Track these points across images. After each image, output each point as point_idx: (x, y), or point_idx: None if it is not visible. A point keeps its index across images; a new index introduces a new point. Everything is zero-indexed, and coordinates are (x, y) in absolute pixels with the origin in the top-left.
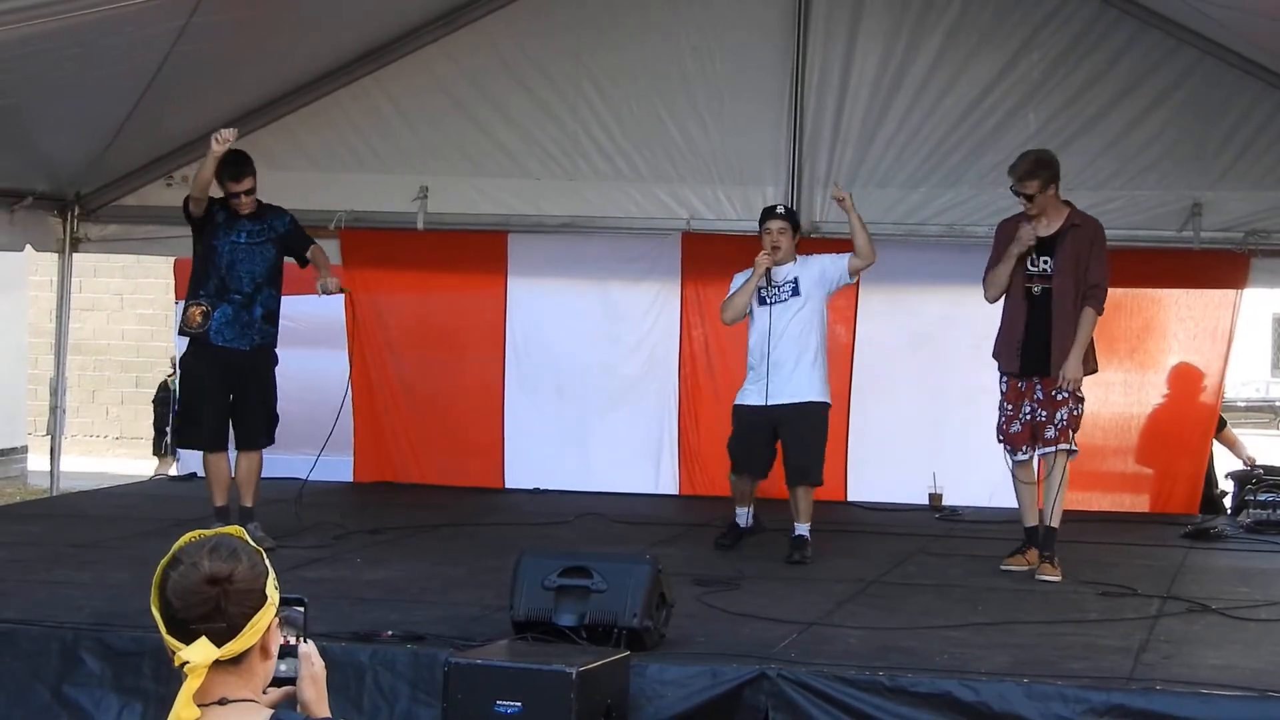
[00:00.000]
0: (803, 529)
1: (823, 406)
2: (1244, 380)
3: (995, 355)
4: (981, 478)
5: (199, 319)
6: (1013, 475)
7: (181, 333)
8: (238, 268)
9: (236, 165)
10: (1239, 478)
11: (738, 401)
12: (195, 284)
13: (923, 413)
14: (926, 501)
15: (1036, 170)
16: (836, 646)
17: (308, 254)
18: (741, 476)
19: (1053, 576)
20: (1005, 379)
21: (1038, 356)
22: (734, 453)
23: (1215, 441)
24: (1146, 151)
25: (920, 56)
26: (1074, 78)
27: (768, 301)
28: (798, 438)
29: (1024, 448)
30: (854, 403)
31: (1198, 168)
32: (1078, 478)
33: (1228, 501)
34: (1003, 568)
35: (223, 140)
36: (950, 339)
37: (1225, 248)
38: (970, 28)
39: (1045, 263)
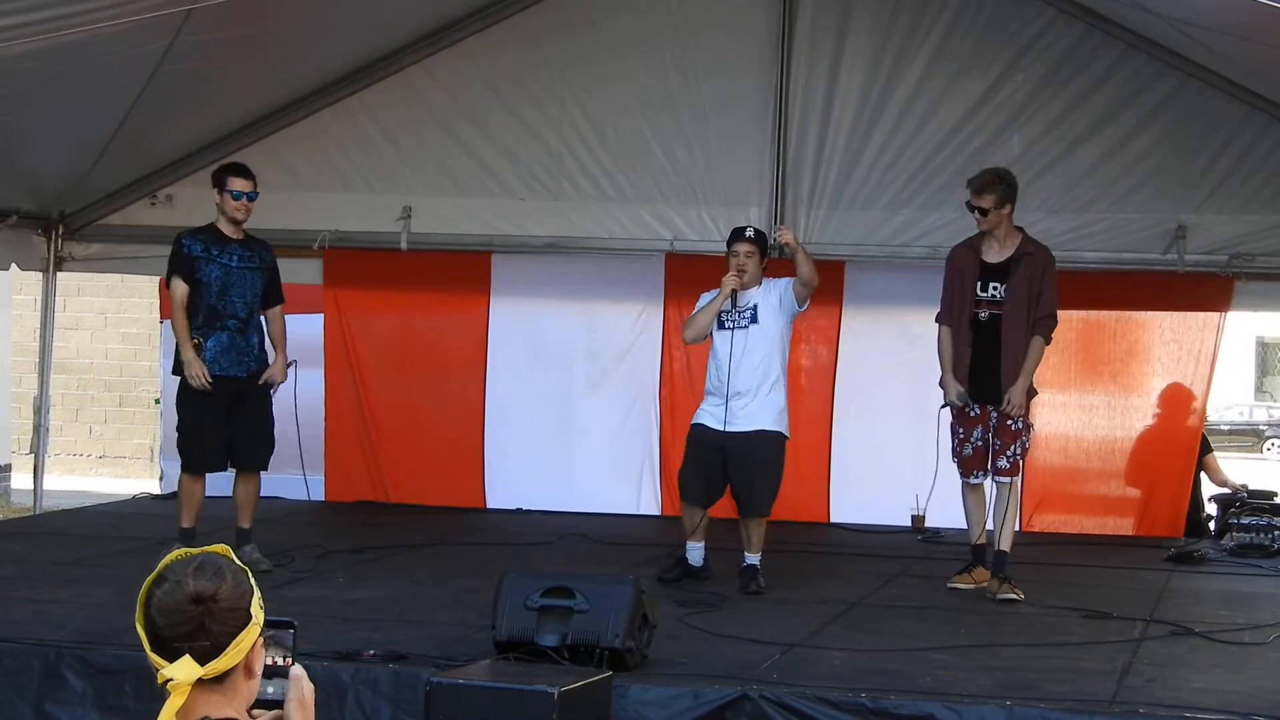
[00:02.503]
0: (753, 559)
1: (779, 438)
2: (1227, 404)
3: (942, 383)
4: None
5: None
6: (963, 496)
7: (175, 372)
8: (230, 293)
9: (242, 165)
10: (1223, 501)
11: (695, 421)
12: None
13: (905, 434)
14: (909, 523)
15: (995, 184)
16: (819, 668)
17: (272, 308)
18: (692, 507)
19: (1015, 594)
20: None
21: (988, 384)
22: (684, 478)
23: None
24: (1131, 174)
25: (904, 79)
26: (1058, 101)
27: (728, 326)
28: (751, 469)
29: (976, 472)
30: (836, 424)
31: (1182, 191)
32: (1061, 500)
33: (1213, 525)
34: (950, 586)
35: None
36: (933, 361)
37: (1209, 271)
38: (954, 51)
39: (995, 289)
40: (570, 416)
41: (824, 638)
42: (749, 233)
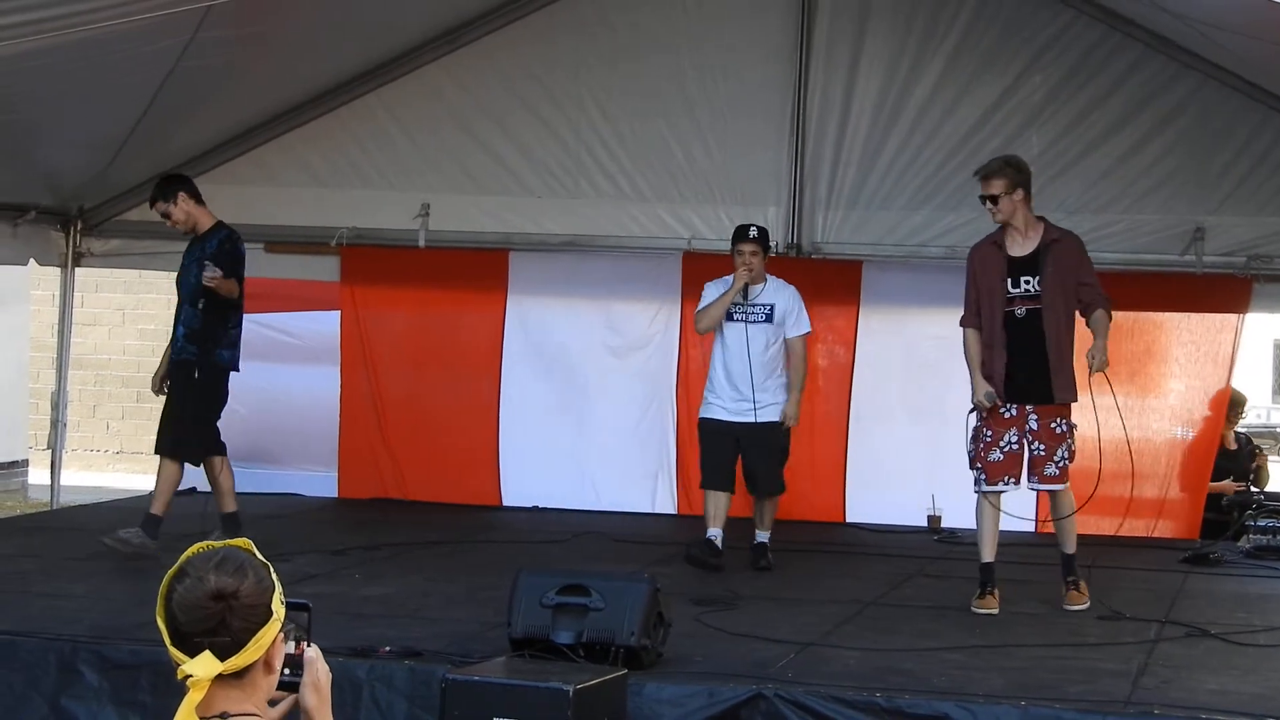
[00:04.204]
0: (764, 536)
1: (785, 426)
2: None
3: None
4: None
5: None
6: (979, 504)
7: None
8: (180, 289)
9: (153, 190)
10: (1239, 503)
11: (706, 415)
12: None
13: (922, 434)
14: (925, 523)
15: (1001, 169)
16: (834, 667)
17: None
18: (716, 493)
19: (1080, 604)
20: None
21: (1027, 383)
22: (705, 468)
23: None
24: (1149, 175)
25: (923, 78)
26: (1077, 101)
27: (739, 319)
28: (769, 455)
29: (1004, 479)
30: (853, 424)
31: (1200, 192)
32: (1077, 500)
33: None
34: (975, 611)
35: None
36: (950, 361)
37: (1227, 272)
38: (973, 50)
39: (1028, 282)
40: (586, 414)
41: (839, 637)
42: (752, 232)
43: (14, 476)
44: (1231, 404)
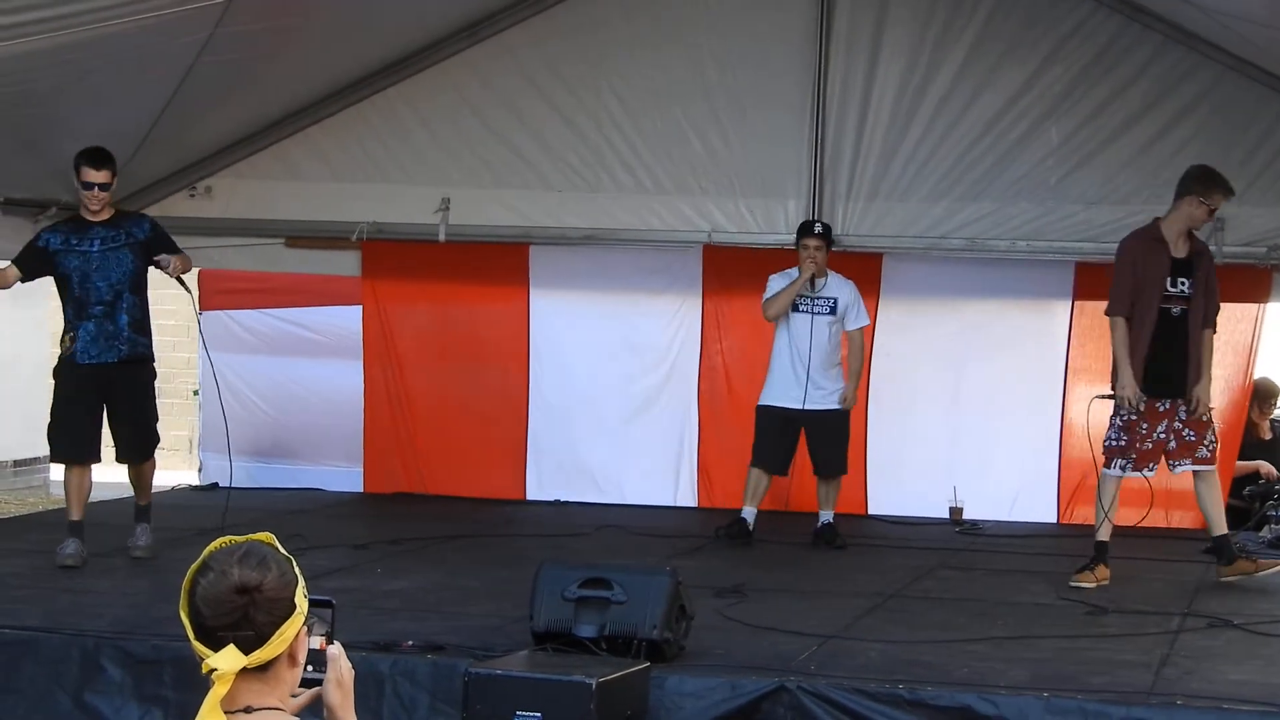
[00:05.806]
0: (829, 516)
1: (846, 411)
2: None
3: (1118, 377)
4: (1002, 491)
5: (68, 343)
6: (1110, 490)
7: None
8: (92, 278)
9: (95, 154)
10: (1259, 494)
11: (767, 402)
12: (64, 315)
13: (942, 426)
14: (947, 515)
15: None
16: (856, 659)
17: (172, 257)
18: (763, 471)
19: (1249, 572)
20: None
21: (1172, 376)
22: (761, 449)
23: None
24: (1169, 166)
25: (943, 69)
26: (1097, 92)
27: (805, 310)
28: (831, 439)
29: (1149, 465)
30: (872, 415)
31: None
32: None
33: None
34: (1072, 584)
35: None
36: (971, 352)
37: (1248, 262)
38: (993, 41)
39: (1183, 284)
40: (608, 408)
41: (861, 629)
42: (817, 229)
43: (36, 473)
44: (1265, 394)
